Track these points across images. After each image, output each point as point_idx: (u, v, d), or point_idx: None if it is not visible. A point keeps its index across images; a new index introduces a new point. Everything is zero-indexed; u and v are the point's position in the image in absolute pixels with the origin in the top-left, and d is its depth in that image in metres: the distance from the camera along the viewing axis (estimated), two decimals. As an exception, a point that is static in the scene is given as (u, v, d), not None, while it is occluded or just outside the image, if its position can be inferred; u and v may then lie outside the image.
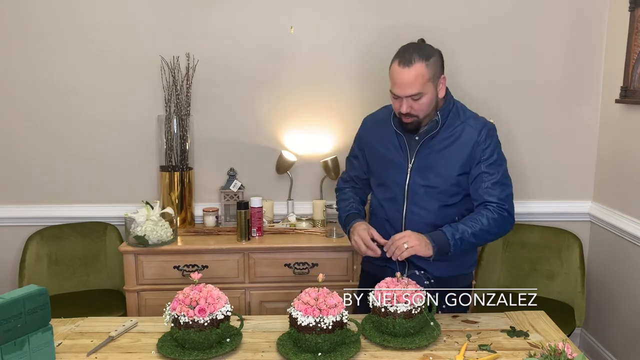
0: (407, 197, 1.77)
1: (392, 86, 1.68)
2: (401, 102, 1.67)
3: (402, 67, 1.64)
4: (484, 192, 1.72)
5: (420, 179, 1.75)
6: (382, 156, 1.82)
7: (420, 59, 1.64)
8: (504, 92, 2.73)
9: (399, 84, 1.65)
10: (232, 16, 2.64)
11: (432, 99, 1.69)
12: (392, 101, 1.73)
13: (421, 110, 1.69)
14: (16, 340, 1.32)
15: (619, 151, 2.60)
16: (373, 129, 1.88)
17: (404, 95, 1.65)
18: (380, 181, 1.84)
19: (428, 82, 1.66)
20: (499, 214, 1.71)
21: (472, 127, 1.75)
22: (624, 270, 2.56)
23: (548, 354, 1.32)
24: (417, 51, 1.66)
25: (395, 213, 1.79)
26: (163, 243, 2.43)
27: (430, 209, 1.75)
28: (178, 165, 2.64)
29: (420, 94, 1.65)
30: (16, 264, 2.70)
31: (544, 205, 2.82)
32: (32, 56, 2.64)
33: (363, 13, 2.66)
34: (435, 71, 1.68)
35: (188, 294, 1.47)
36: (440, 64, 1.71)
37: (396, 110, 1.72)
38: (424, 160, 1.75)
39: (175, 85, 2.62)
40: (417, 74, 1.63)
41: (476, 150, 1.73)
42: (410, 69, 1.63)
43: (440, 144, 1.74)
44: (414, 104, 1.67)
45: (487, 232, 1.70)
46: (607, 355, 2.70)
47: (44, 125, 2.71)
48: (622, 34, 2.50)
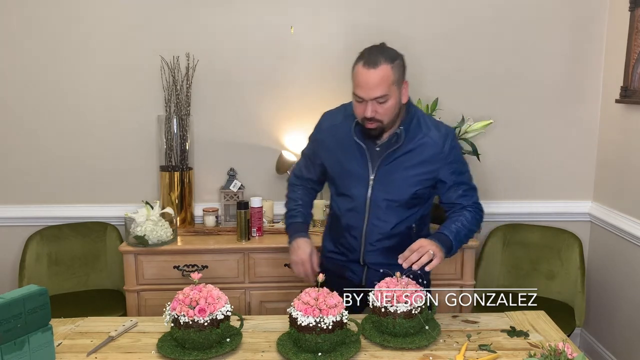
0: (369, 210, 1.76)
1: (356, 88, 1.64)
2: (365, 106, 1.63)
3: (367, 69, 1.60)
4: (459, 199, 1.78)
5: (382, 192, 1.74)
6: (342, 167, 1.79)
7: (386, 60, 1.61)
8: (504, 92, 2.73)
9: (364, 85, 1.61)
10: (232, 16, 2.64)
11: (396, 103, 1.66)
12: (355, 105, 1.68)
13: (386, 115, 1.65)
14: (16, 340, 1.32)
15: (619, 151, 2.60)
16: (332, 134, 1.82)
17: (370, 98, 1.61)
18: (341, 192, 1.82)
19: (393, 85, 1.63)
20: (477, 212, 1.80)
21: (434, 140, 1.73)
22: (624, 270, 2.56)
23: (548, 354, 1.32)
24: (382, 53, 1.63)
25: (356, 223, 1.79)
26: (163, 243, 2.43)
27: (391, 220, 1.77)
28: (178, 165, 2.64)
29: (386, 97, 1.62)
30: (16, 264, 2.70)
31: (544, 205, 2.82)
32: (32, 56, 2.64)
33: (363, 13, 2.66)
34: (400, 75, 1.66)
35: (188, 294, 1.47)
36: (403, 68, 1.69)
37: (359, 115, 1.67)
38: (386, 174, 1.73)
39: (175, 85, 2.62)
40: (383, 75, 1.60)
41: (441, 163, 1.73)
42: (376, 70, 1.60)
43: (402, 158, 1.72)
44: (379, 108, 1.63)
45: (472, 230, 1.77)
46: (607, 355, 2.70)
47: (43, 125, 2.71)
48: (622, 34, 2.50)
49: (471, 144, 2.50)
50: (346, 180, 1.79)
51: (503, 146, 2.78)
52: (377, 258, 1.81)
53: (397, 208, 1.76)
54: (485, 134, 2.64)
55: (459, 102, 2.67)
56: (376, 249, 1.80)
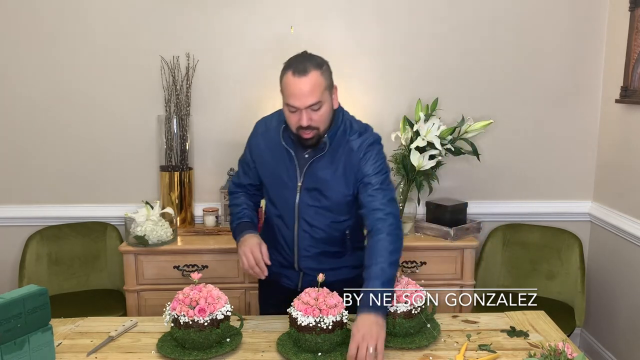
0: (298, 217, 1.75)
1: (289, 98, 1.59)
2: (300, 115, 1.60)
3: (297, 77, 1.57)
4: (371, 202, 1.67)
5: (310, 199, 1.73)
6: (272, 173, 1.78)
7: (315, 67, 1.58)
8: (503, 92, 2.73)
9: (296, 94, 1.57)
10: (232, 16, 2.64)
11: (329, 109, 1.65)
12: (289, 116, 1.64)
13: (321, 122, 1.63)
14: (16, 340, 1.32)
15: (619, 151, 2.60)
16: (265, 139, 1.79)
17: (304, 106, 1.58)
18: (271, 198, 1.81)
19: (325, 90, 1.61)
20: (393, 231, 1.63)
21: (357, 145, 1.71)
22: (624, 270, 2.56)
23: (548, 354, 1.33)
24: (309, 60, 1.60)
25: (287, 229, 1.79)
26: (163, 243, 2.43)
27: (321, 226, 1.76)
28: (178, 165, 2.64)
29: (320, 103, 1.59)
30: (16, 264, 2.70)
31: (544, 205, 2.82)
32: (32, 56, 2.64)
33: (363, 13, 2.66)
34: (329, 80, 1.64)
35: (188, 294, 1.47)
36: (330, 73, 1.66)
37: (294, 125, 1.64)
38: (313, 181, 1.71)
39: (175, 85, 2.62)
40: (315, 82, 1.57)
41: (358, 166, 1.70)
42: (306, 78, 1.56)
43: (328, 165, 1.70)
44: (314, 115, 1.60)
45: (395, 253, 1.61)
46: (607, 355, 2.70)
47: (43, 125, 2.70)
48: (622, 34, 2.50)
49: (471, 144, 2.51)
50: (276, 186, 1.77)
51: (503, 146, 2.78)
52: (311, 264, 1.79)
53: (327, 214, 1.74)
54: (485, 134, 2.64)
55: (459, 102, 2.68)
56: (310, 255, 1.79)
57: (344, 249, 1.82)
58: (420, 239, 2.54)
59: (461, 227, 2.54)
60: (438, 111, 2.53)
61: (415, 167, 2.45)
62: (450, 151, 2.49)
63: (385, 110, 2.73)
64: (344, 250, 1.82)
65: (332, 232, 1.78)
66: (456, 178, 2.78)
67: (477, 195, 2.79)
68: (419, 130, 2.45)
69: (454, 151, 2.49)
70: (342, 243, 1.80)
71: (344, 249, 1.82)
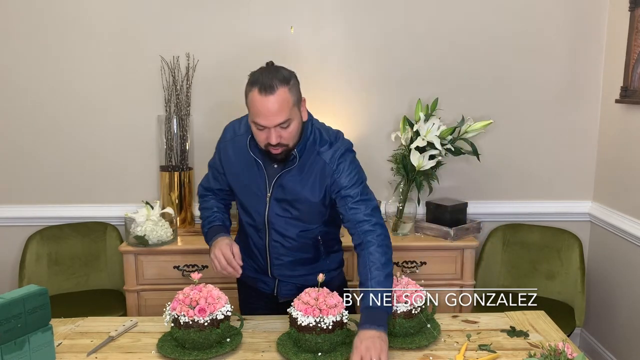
0: (268, 226, 1.74)
1: (256, 117, 1.54)
2: (269, 133, 1.56)
3: (264, 95, 1.50)
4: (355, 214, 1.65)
5: (280, 209, 1.71)
6: (241, 181, 1.75)
7: (282, 83, 1.52)
8: (504, 92, 2.73)
9: (264, 114, 1.52)
10: (232, 16, 2.64)
11: (299, 125, 1.61)
12: (256, 133, 1.59)
13: (291, 138, 1.59)
14: (16, 340, 1.32)
15: (619, 151, 2.60)
16: (233, 145, 1.76)
17: (272, 125, 1.54)
18: (242, 205, 1.79)
19: (293, 107, 1.56)
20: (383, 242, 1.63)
21: (328, 155, 1.67)
22: (624, 270, 2.56)
23: (548, 354, 1.33)
24: (275, 75, 1.53)
25: (259, 240, 1.78)
26: (163, 243, 2.43)
27: (293, 235, 1.75)
28: (178, 165, 2.64)
29: (289, 121, 1.55)
30: (16, 264, 2.70)
31: (544, 205, 2.82)
32: (32, 56, 2.64)
33: (364, 13, 2.66)
34: (297, 94, 1.58)
35: (188, 294, 1.47)
36: (298, 86, 1.60)
37: (262, 142, 1.60)
38: (283, 192, 1.70)
39: (175, 85, 2.62)
40: (282, 100, 1.51)
41: (332, 178, 1.67)
42: (273, 96, 1.50)
43: (297, 176, 1.68)
44: (283, 133, 1.56)
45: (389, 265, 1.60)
46: (607, 355, 2.70)
47: (43, 126, 2.71)
48: (622, 34, 2.50)
49: (471, 144, 2.51)
50: (245, 195, 1.75)
51: (503, 146, 2.78)
52: (284, 271, 1.80)
53: (297, 223, 1.73)
54: (485, 134, 2.64)
55: (459, 102, 2.68)
56: (282, 263, 1.79)
57: (317, 254, 1.81)
58: (420, 239, 2.54)
59: (461, 227, 2.54)
60: (438, 111, 2.53)
61: (415, 167, 2.45)
62: (450, 151, 2.49)
63: (385, 110, 2.73)
64: (318, 255, 1.81)
65: (304, 240, 1.76)
66: (456, 178, 2.78)
67: (477, 195, 2.79)
68: (419, 130, 2.45)
69: (454, 151, 2.49)
70: (315, 249, 1.79)
71: (318, 254, 1.81)
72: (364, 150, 2.58)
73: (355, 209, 1.65)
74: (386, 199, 2.67)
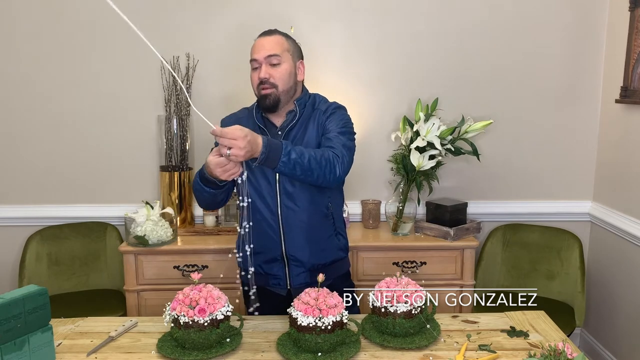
0: (280, 193, 1.77)
1: (252, 54, 1.73)
2: (260, 70, 1.71)
3: (263, 36, 1.73)
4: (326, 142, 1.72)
5: None
6: None
7: (280, 33, 1.75)
8: (503, 92, 2.73)
9: (258, 48, 1.71)
10: (232, 16, 2.64)
11: (290, 72, 1.74)
12: (252, 76, 1.75)
13: (280, 79, 1.71)
14: (16, 340, 1.32)
15: (619, 151, 2.60)
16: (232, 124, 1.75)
17: (263, 57, 1.69)
18: (252, 183, 1.78)
19: (287, 52, 1.73)
20: (333, 155, 1.65)
21: (322, 108, 1.81)
22: (624, 270, 2.56)
23: (548, 354, 1.32)
24: (278, 30, 1.76)
25: (271, 216, 1.78)
26: (163, 243, 2.43)
27: (303, 201, 1.77)
28: (178, 165, 2.64)
29: (279, 58, 1.70)
30: (16, 264, 2.70)
31: (544, 205, 2.83)
32: (32, 56, 2.65)
33: (364, 13, 2.66)
34: (295, 49, 1.76)
35: (188, 294, 1.47)
36: (299, 49, 1.80)
37: (255, 82, 1.74)
38: None
39: (175, 85, 2.62)
40: (277, 41, 1.72)
41: (323, 124, 1.77)
42: (271, 37, 1.72)
43: (300, 134, 1.77)
44: (273, 71, 1.70)
45: (316, 160, 1.60)
46: (607, 355, 2.70)
47: (43, 126, 2.71)
48: (622, 34, 2.50)
49: (471, 144, 2.50)
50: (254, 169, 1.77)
51: (503, 146, 2.78)
52: (297, 250, 1.79)
53: (307, 188, 1.75)
54: (485, 134, 2.64)
55: (459, 102, 2.68)
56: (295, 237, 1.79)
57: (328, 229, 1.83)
58: (420, 239, 2.54)
59: (461, 227, 2.54)
60: (438, 111, 2.53)
61: (415, 167, 2.45)
62: (450, 151, 2.49)
63: (385, 110, 2.73)
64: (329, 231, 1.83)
65: (313, 208, 1.78)
66: (456, 178, 2.78)
67: (477, 195, 2.79)
68: (419, 130, 2.45)
69: (454, 151, 2.49)
70: (326, 218, 1.82)
71: (328, 226, 1.83)
72: (364, 150, 2.59)
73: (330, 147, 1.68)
74: (386, 199, 2.68)
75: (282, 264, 1.83)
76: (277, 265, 1.84)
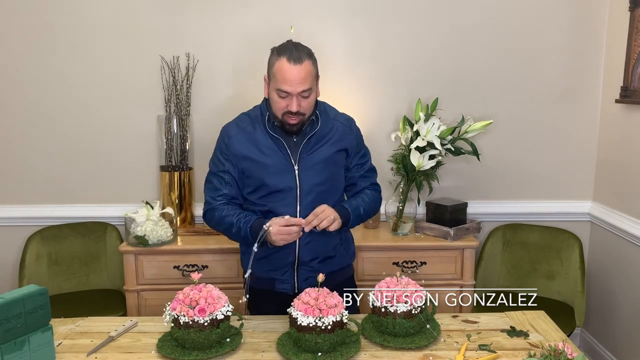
0: (300, 200, 1.76)
1: (282, 84, 1.66)
2: (290, 100, 1.67)
3: (293, 64, 1.65)
4: (359, 180, 1.90)
5: (310, 179, 1.76)
6: (262, 165, 1.76)
7: (308, 56, 1.69)
8: (503, 92, 2.73)
9: (291, 80, 1.65)
10: (232, 16, 2.64)
11: (315, 97, 1.76)
12: (277, 101, 1.69)
13: (308, 108, 1.72)
14: (16, 340, 1.32)
15: (619, 151, 2.60)
16: (245, 139, 1.78)
17: (296, 92, 1.66)
18: (270, 191, 1.76)
19: (315, 79, 1.73)
20: (375, 191, 1.94)
21: (342, 122, 1.85)
22: (624, 270, 2.56)
23: (548, 354, 1.33)
24: (302, 49, 1.70)
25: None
26: (163, 243, 2.43)
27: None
28: (178, 165, 2.64)
29: (310, 91, 1.69)
30: (16, 264, 2.70)
31: (544, 205, 2.82)
32: (32, 56, 2.64)
33: (363, 13, 2.66)
34: (317, 70, 1.75)
35: (188, 294, 1.47)
36: (317, 63, 1.76)
37: (281, 109, 1.70)
38: (309, 161, 1.77)
39: (175, 85, 2.62)
40: (308, 70, 1.67)
41: (350, 138, 1.85)
42: (302, 66, 1.66)
43: (320, 143, 1.79)
44: (303, 102, 1.69)
45: (372, 209, 1.89)
46: (607, 355, 2.70)
47: (43, 126, 2.71)
48: (622, 34, 2.50)
49: (471, 144, 2.51)
50: (272, 177, 1.75)
51: (503, 146, 2.78)
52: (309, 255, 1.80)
53: (325, 194, 1.78)
54: (485, 134, 2.64)
55: (459, 102, 2.68)
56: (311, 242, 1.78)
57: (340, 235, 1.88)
58: (420, 239, 2.54)
59: (461, 227, 2.54)
60: (438, 111, 2.53)
61: (415, 167, 2.45)
62: (450, 151, 2.49)
63: (385, 110, 2.73)
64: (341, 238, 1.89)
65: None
66: (456, 178, 2.78)
67: (477, 195, 2.79)
68: (419, 130, 2.45)
69: (454, 151, 2.49)
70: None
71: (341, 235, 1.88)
72: (364, 150, 2.59)
73: (367, 178, 1.91)
74: (386, 199, 2.67)
75: (292, 269, 1.83)
76: (288, 271, 1.83)
